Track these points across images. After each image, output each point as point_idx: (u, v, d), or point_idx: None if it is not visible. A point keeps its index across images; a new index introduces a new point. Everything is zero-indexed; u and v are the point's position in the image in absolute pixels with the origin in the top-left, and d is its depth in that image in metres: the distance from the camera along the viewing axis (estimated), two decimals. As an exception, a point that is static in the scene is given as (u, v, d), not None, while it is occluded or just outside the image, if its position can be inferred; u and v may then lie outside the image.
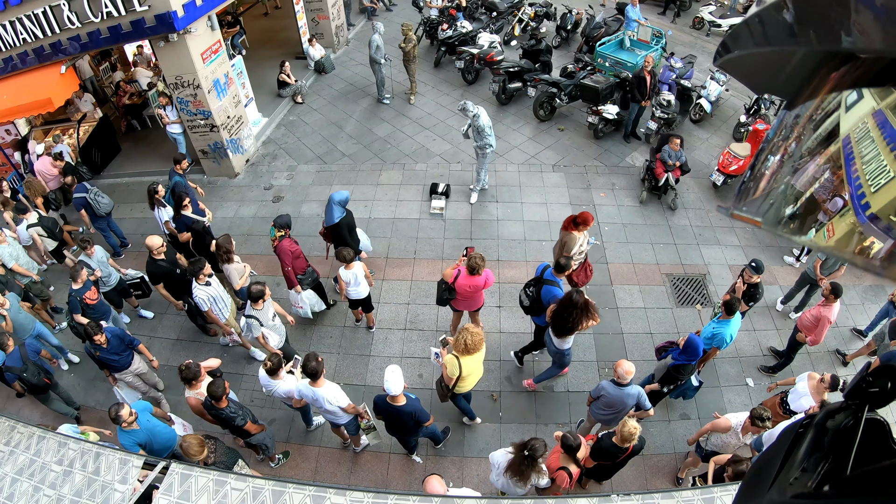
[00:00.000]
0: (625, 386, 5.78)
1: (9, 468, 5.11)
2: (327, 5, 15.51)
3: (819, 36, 0.82)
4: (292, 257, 7.60)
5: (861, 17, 0.68)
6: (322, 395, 5.77)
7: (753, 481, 1.29)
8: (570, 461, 5.37)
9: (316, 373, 5.67)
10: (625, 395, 5.80)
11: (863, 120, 0.88)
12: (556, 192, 10.82)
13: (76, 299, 7.35)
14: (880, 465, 0.91)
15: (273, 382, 6.13)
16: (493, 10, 16.37)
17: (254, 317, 6.63)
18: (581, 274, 7.82)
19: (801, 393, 6.08)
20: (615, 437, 5.41)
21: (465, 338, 5.87)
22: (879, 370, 1.06)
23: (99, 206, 9.35)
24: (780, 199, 1.16)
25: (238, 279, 7.64)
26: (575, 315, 6.22)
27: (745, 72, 1.40)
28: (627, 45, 13.93)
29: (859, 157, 0.88)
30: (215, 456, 5.68)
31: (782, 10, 0.88)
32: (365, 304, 7.98)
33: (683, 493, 4.47)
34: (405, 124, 13.06)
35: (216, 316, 7.38)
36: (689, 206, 10.47)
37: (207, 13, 10.04)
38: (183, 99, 10.60)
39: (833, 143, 0.97)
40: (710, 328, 6.80)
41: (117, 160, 13.18)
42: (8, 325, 7.48)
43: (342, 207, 7.99)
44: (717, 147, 11.84)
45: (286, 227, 7.69)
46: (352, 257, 7.26)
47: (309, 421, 7.31)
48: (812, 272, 7.94)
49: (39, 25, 9.48)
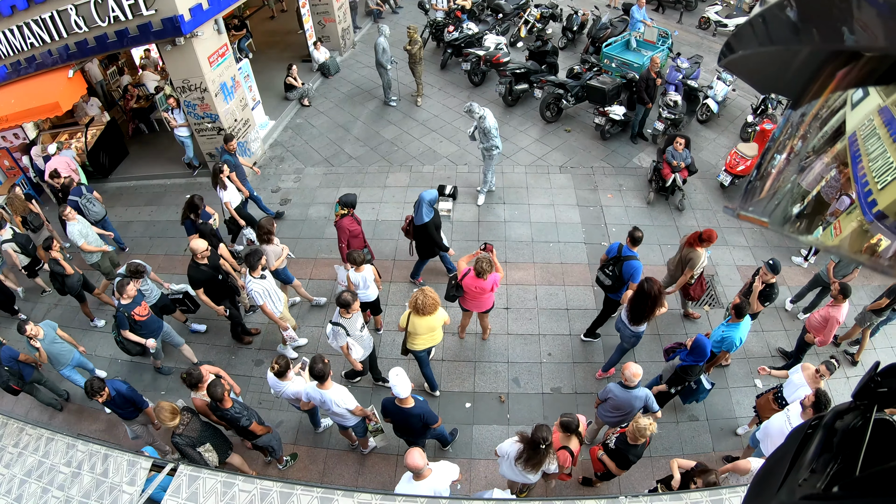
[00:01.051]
0: (632, 388, 5.76)
1: (17, 470, 5.13)
2: (333, 8, 15.56)
3: (822, 34, 0.82)
4: (349, 235, 7.81)
5: (864, 14, 0.68)
6: (330, 397, 5.77)
7: (762, 482, 1.29)
8: (570, 439, 5.44)
9: (323, 375, 5.66)
10: (632, 397, 5.78)
11: (868, 117, 0.88)
12: (564, 194, 10.79)
13: (124, 315, 7.13)
14: (890, 466, 0.90)
15: (281, 384, 6.14)
16: (499, 11, 16.36)
17: (340, 325, 6.46)
18: (697, 287, 7.98)
19: (797, 384, 6.05)
20: (629, 437, 5.41)
21: (417, 297, 6.37)
22: (888, 370, 1.05)
23: (89, 212, 9.37)
24: (787, 199, 1.16)
25: (274, 260, 7.70)
26: (650, 304, 6.45)
27: (749, 72, 1.40)
28: (634, 45, 13.89)
29: (866, 155, 0.88)
30: (184, 429, 5.70)
31: (785, 8, 0.88)
32: (373, 307, 7.97)
33: (692, 494, 4.45)
34: (412, 126, 13.07)
35: (271, 310, 7.21)
36: (697, 206, 10.43)
37: (214, 17, 10.08)
38: (190, 102, 10.65)
39: (839, 140, 0.97)
40: (719, 331, 6.76)
41: (125, 163, 13.25)
42: (42, 356, 7.26)
43: (431, 207, 8.05)
44: (724, 147, 11.79)
45: (350, 206, 7.88)
46: (362, 259, 7.26)
47: (317, 423, 7.30)
48: (825, 275, 7.88)
49: (47, 30, 9.55)
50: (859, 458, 0.93)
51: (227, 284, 7.73)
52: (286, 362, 6.06)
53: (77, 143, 12.09)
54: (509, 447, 5.33)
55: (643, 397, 5.81)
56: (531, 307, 8.69)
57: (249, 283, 6.96)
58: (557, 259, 9.44)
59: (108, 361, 8.63)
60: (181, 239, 10.09)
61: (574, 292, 8.90)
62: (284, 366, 6.01)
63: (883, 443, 0.95)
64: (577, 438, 5.47)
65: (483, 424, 7.34)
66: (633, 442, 5.39)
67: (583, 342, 8.23)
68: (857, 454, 0.94)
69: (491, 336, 8.25)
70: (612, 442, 5.72)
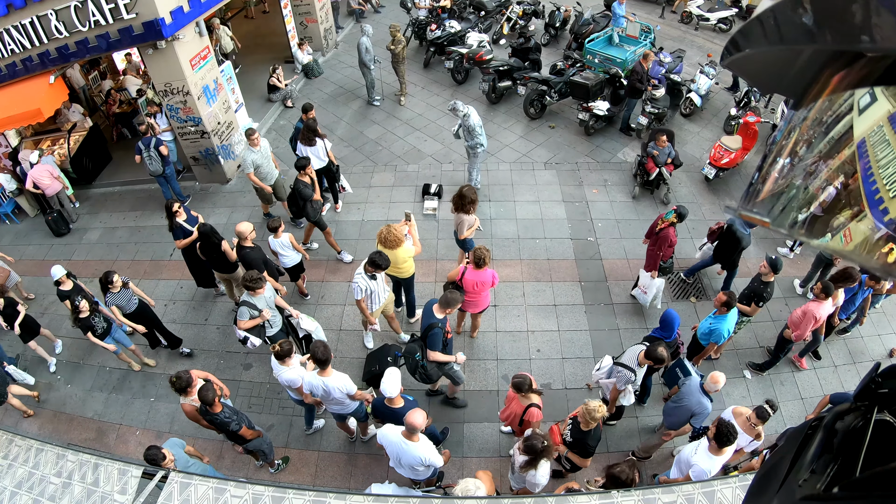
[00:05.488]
0: (708, 396, 5.84)
1: (7, 482, 5.10)
2: (315, 9, 15.49)
3: (836, 36, 0.79)
4: (667, 245, 7.83)
5: (882, 19, 0.66)
6: (331, 384, 5.83)
7: (762, 483, 1.30)
8: (529, 397, 5.64)
9: (326, 360, 5.74)
10: (701, 403, 5.84)
11: (878, 123, 0.86)
12: (549, 190, 10.84)
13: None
14: (890, 467, 0.90)
15: (280, 368, 6.18)
16: (482, 9, 16.37)
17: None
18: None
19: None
20: (581, 423, 5.41)
21: (383, 231, 7.17)
22: (889, 371, 1.06)
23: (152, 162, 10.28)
24: (793, 202, 1.14)
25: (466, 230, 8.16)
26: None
27: (752, 71, 1.38)
28: (616, 41, 13.94)
29: (875, 162, 0.86)
30: None
31: (798, 7, 0.85)
32: (294, 272, 8.47)
33: (684, 487, 4.50)
34: (396, 126, 13.06)
35: (366, 307, 7.22)
36: (682, 200, 10.49)
37: (195, 19, 10.01)
38: (173, 106, 10.58)
39: (847, 146, 0.95)
40: (707, 323, 6.81)
41: (108, 169, 13.12)
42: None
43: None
44: (708, 140, 11.87)
45: (682, 217, 7.82)
46: (277, 226, 7.82)
47: (310, 422, 7.32)
48: (827, 252, 7.92)
49: (27, 36, 9.44)
50: (859, 458, 0.94)
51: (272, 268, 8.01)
52: (289, 347, 6.07)
53: (60, 150, 11.98)
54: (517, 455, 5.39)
55: (703, 411, 5.86)
56: (519, 304, 8.73)
57: (356, 275, 6.97)
58: (544, 255, 9.48)
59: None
60: (167, 244, 10.05)
61: (561, 288, 8.95)
62: (285, 350, 6.03)
63: (883, 444, 0.96)
64: (534, 394, 5.70)
65: (474, 422, 7.37)
66: (586, 427, 5.39)
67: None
68: (857, 455, 0.95)
69: (479, 334, 8.28)
70: (568, 434, 5.73)
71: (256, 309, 6.76)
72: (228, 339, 8.62)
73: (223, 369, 8.20)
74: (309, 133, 9.34)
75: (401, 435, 5.18)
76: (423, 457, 5.16)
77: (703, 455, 5.23)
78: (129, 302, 7.63)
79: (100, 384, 8.35)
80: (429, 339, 6.26)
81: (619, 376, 6.09)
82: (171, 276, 9.78)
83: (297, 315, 7.34)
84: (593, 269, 9.25)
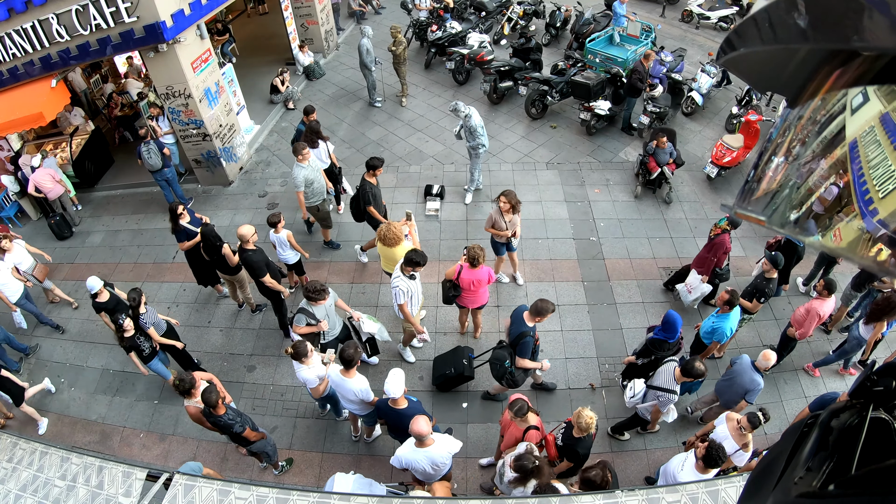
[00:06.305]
0: (759, 372, 6.05)
1: (12, 485, 5.10)
2: (316, 11, 15.51)
3: (829, 34, 0.80)
4: (722, 251, 7.77)
5: (875, 21, 0.66)
6: (352, 386, 5.88)
7: (759, 480, 1.30)
8: (527, 420, 5.59)
9: (352, 360, 5.78)
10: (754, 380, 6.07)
11: (870, 124, 0.87)
12: (551, 190, 10.83)
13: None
14: (886, 464, 0.91)
15: (298, 366, 6.20)
16: (482, 9, 16.37)
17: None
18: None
19: (721, 436, 5.58)
20: (574, 430, 5.38)
21: (382, 229, 7.30)
22: (884, 369, 1.06)
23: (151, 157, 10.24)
24: (787, 201, 1.14)
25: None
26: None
27: (747, 70, 1.38)
28: (617, 40, 13.94)
29: (866, 162, 0.86)
30: None
31: (792, 7, 0.85)
32: (296, 268, 8.64)
33: (688, 486, 4.49)
34: (397, 127, 13.06)
35: (409, 311, 7.00)
36: (684, 199, 10.49)
37: (196, 22, 10.03)
38: (174, 109, 10.59)
39: (839, 146, 0.95)
40: (709, 322, 6.80)
41: (111, 172, 13.15)
42: None
43: None
44: (709, 139, 11.87)
45: (735, 226, 7.97)
46: (277, 221, 7.92)
47: (339, 412, 7.41)
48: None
49: (28, 40, 9.45)
50: (855, 456, 0.94)
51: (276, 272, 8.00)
52: (304, 348, 6.05)
53: (62, 153, 12.00)
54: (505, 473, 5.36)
55: (756, 387, 6.12)
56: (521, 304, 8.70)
57: (396, 278, 6.82)
58: (546, 255, 9.48)
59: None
60: (170, 247, 10.07)
61: (564, 288, 8.94)
62: (301, 351, 6.02)
63: (878, 441, 0.96)
64: (533, 414, 5.67)
65: (478, 423, 7.37)
66: (578, 434, 5.36)
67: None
68: (852, 453, 0.95)
69: (483, 334, 8.28)
70: (560, 438, 5.69)
71: (314, 318, 6.69)
72: (231, 342, 8.64)
73: (227, 371, 8.21)
74: (311, 135, 9.35)
75: (415, 447, 5.17)
76: (448, 454, 5.25)
77: (690, 472, 5.19)
78: (159, 321, 7.45)
79: (103, 387, 8.36)
80: (520, 347, 6.29)
81: (662, 400, 6.05)
82: (173, 278, 9.79)
83: (357, 318, 7.16)
84: (596, 268, 9.24)
